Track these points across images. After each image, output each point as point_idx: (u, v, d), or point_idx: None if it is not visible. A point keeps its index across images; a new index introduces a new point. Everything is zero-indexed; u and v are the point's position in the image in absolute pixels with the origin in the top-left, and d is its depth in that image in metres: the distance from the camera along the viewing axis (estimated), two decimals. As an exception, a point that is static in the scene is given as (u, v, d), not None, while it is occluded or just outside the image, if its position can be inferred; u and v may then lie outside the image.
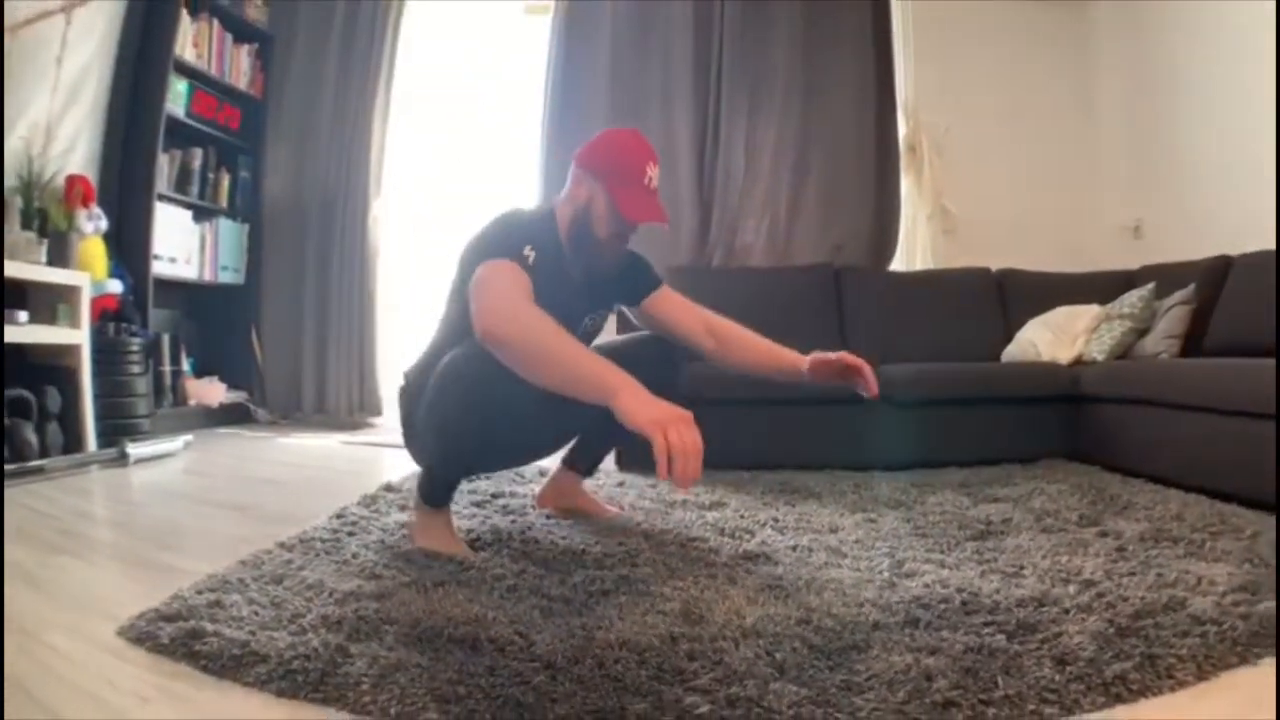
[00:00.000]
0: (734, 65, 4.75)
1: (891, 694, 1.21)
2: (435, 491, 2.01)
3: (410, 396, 2.09)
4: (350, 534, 2.09)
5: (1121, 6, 4.91)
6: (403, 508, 2.42)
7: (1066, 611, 1.53)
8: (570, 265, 2.05)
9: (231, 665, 1.30)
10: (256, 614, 1.49)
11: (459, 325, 1.93)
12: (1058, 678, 1.26)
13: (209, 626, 1.41)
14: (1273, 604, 1.54)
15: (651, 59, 4.79)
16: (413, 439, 2.13)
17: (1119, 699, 1.23)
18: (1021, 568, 1.84)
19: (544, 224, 2.04)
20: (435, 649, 1.33)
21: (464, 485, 2.63)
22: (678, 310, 2.28)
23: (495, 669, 1.25)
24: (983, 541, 2.12)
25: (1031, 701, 1.20)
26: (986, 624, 1.47)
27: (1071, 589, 1.66)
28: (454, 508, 2.13)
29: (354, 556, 1.87)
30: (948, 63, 4.97)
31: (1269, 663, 1.36)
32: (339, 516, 2.29)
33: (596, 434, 2.40)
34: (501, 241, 1.85)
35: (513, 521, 2.29)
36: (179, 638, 1.38)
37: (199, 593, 1.59)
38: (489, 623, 1.43)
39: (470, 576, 1.73)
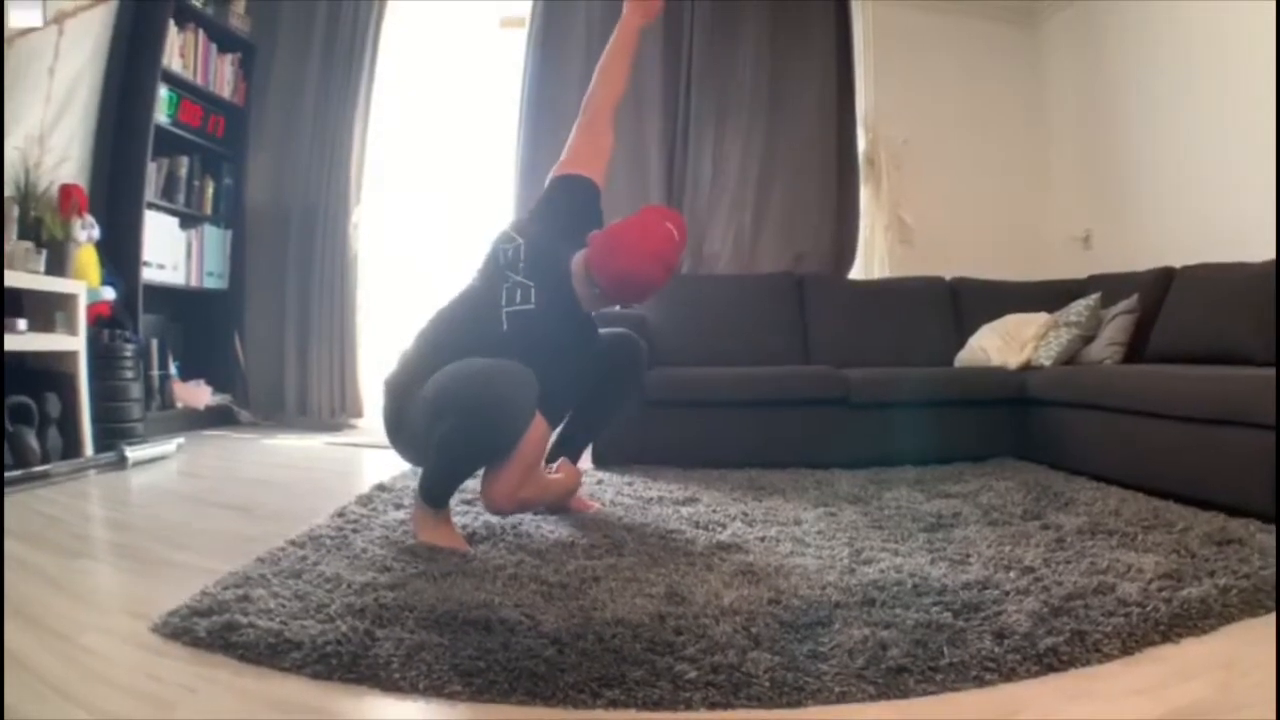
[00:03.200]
0: (702, 80, 4.93)
1: (852, 661, 1.41)
2: (437, 494, 2.18)
3: (397, 401, 2.26)
4: (355, 531, 2.24)
5: (1073, 27, 5.13)
6: (398, 506, 2.57)
7: (1006, 594, 1.73)
8: (578, 309, 2.33)
9: (268, 653, 1.43)
10: (284, 606, 1.61)
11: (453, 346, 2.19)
12: (997, 649, 1.46)
13: (242, 619, 1.52)
14: (1194, 590, 1.74)
15: (622, 73, 4.94)
16: (400, 439, 2.33)
17: (1051, 668, 1.43)
18: (968, 556, 2.04)
19: (570, 315, 2.32)
20: (453, 630, 1.50)
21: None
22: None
23: (509, 645, 1.43)
24: (934, 533, 2.32)
25: (974, 669, 1.40)
26: (935, 603, 1.67)
27: (1012, 574, 1.87)
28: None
29: (363, 551, 2.03)
30: (906, 78, 5.18)
31: (1190, 641, 1.57)
32: (340, 515, 2.44)
33: (575, 434, 2.63)
34: (557, 389, 2.20)
35: (503, 518, 2.44)
36: (215, 630, 1.50)
37: (226, 589, 1.70)
38: (497, 606, 1.60)
39: (474, 567, 1.90)
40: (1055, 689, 1.38)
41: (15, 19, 3.60)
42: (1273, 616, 1.69)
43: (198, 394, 4.71)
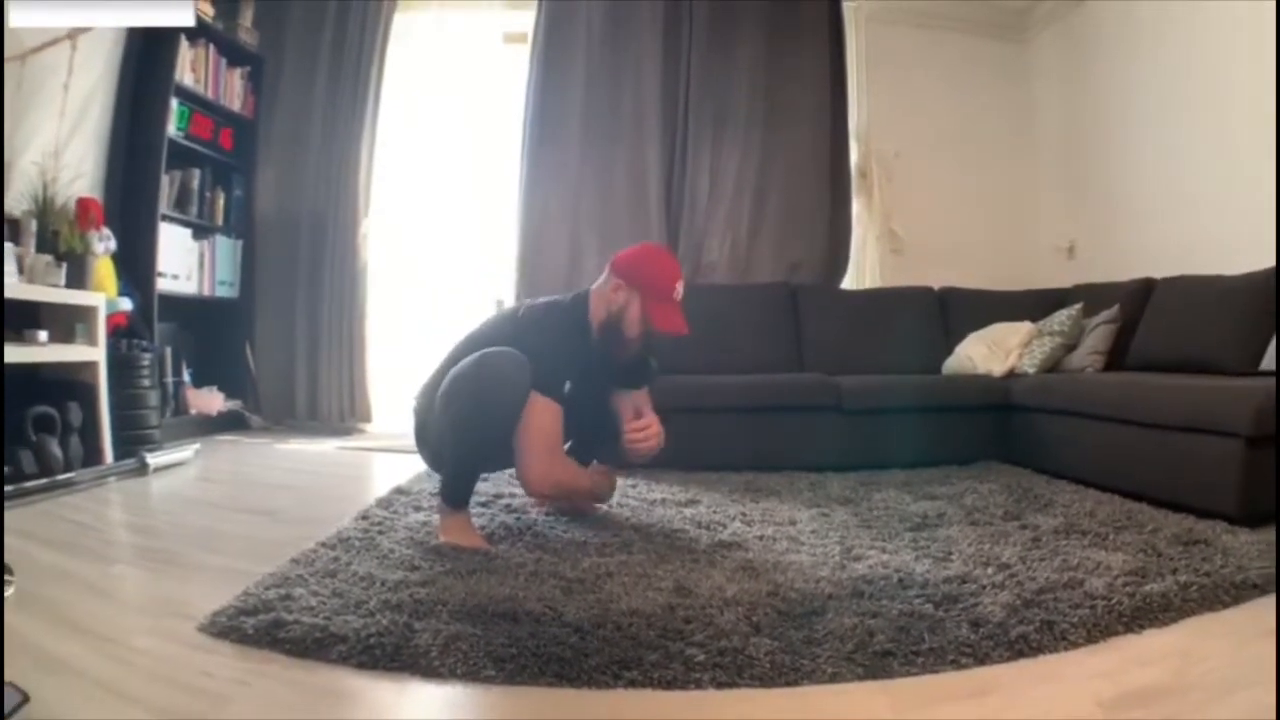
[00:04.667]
0: (700, 96, 5.08)
1: (842, 646, 1.58)
2: (456, 494, 2.35)
3: (424, 408, 2.47)
4: (380, 533, 2.38)
5: (1059, 45, 5.28)
6: (417, 508, 2.72)
7: (983, 587, 1.90)
8: (594, 345, 2.47)
9: (315, 647, 1.55)
10: (324, 603, 1.74)
11: (476, 338, 2.46)
12: (972, 636, 1.62)
13: (288, 616, 1.64)
14: (1157, 585, 1.90)
15: (623, 89, 5.10)
16: (424, 444, 2.53)
17: (1021, 654, 1.59)
18: (950, 553, 2.20)
19: (579, 320, 2.47)
20: (484, 622, 1.65)
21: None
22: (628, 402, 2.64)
23: (536, 634, 1.59)
24: (919, 532, 2.48)
25: (951, 653, 1.56)
26: (917, 596, 1.84)
27: (990, 570, 2.03)
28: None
29: (391, 552, 2.17)
30: (898, 93, 5.34)
31: (1151, 632, 1.72)
32: (364, 518, 2.56)
33: (588, 446, 2.76)
34: (550, 362, 2.33)
35: (517, 519, 2.61)
36: (263, 628, 1.61)
37: (268, 589, 1.81)
38: (522, 600, 1.76)
39: (496, 565, 2.06)
40: (1024, 672, 1.54)
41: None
42: (1229, 612, 1.84)
43: (210, 400, 4.84)
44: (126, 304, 4.07)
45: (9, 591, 1.80)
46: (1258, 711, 1.36)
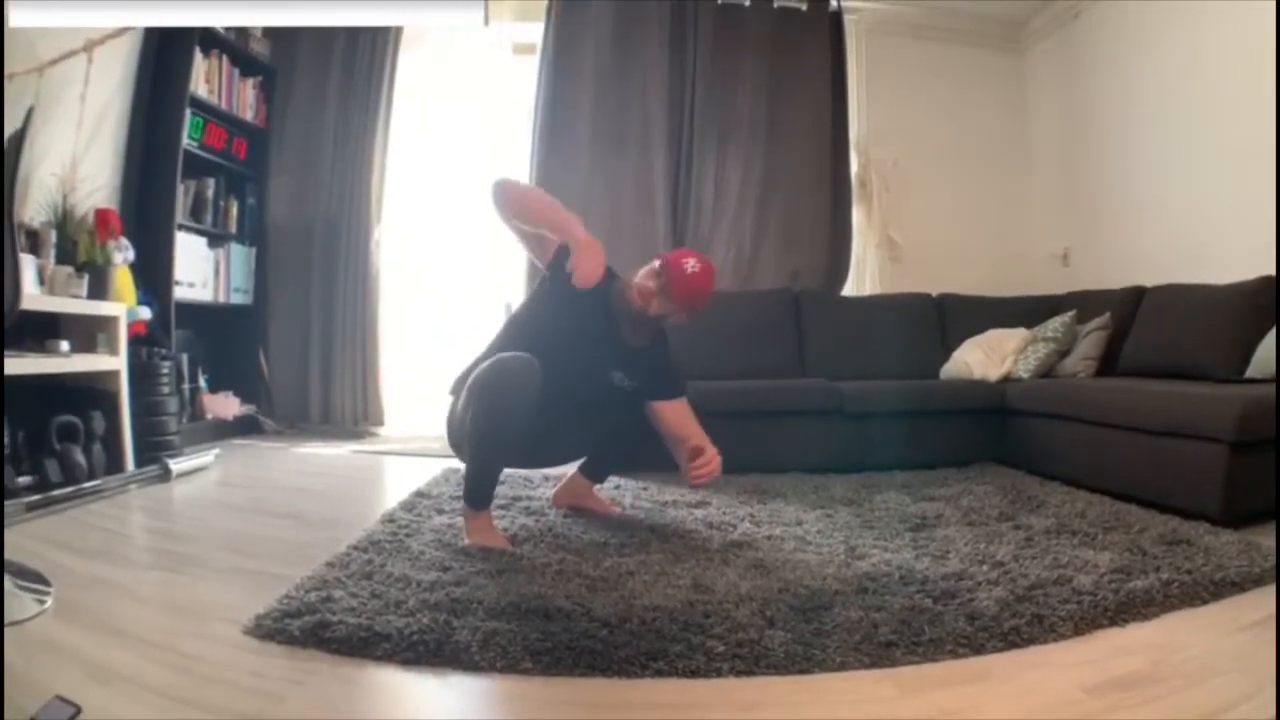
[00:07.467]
0: (705, 109, 5.19)
1: (849, 637, 1.71)
2: (477, 495, 2.46)
3: (455, 412, 2.58)
4: (408, 535, 2.48)
5: (1055, 57, 5.39)
6: (440, 511, 2.82)
7: (979, 584, 2.04)
8: (606, 312, 2.59)
9: (360, 646, 1.64)
10: (365, 604, 1.83)
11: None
12: (968, 628, 1.76)
13: (332, 617, 1.72)
14: (1140, 582, 2.03)
15: (630, 100, 5.19)
16: (457, 448, 2.62)
17: (1013, 644, 1.73)
18: (948, 552, 2.34)
19: (599, 297, 2.56)
20: (518, 618, 1.77)
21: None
22: (670, 419, 2.73)
23: (568, 629, 1.72)
24: (918, 532, 2.62)
25: (949, 644, 1.70)
26: (918, 591, 1.98)
27: (985, 568, 2.17)
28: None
29: (421, 554, 2.28)
30: (897, 103, 5.44)
31: (1134, 626, 1.85)
32: (390, 521, 2.67)
33: (610, 455, 2.90)
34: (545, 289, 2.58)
35: (537, 521, 2.73)
36: (308, 629, 1.69)
37: (308, 592, 1.89)
38: (551, 597, 1.89)
39: (524, 565, 2.19)
40: (1016, 660, 1.67)
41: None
42: (1209, 608, 1.97)
43: (226, 405, 4.92)
44: (146, 313, 4.12)
45: (48, 604, 1.88)
46: (1232, 697, 1.49)
